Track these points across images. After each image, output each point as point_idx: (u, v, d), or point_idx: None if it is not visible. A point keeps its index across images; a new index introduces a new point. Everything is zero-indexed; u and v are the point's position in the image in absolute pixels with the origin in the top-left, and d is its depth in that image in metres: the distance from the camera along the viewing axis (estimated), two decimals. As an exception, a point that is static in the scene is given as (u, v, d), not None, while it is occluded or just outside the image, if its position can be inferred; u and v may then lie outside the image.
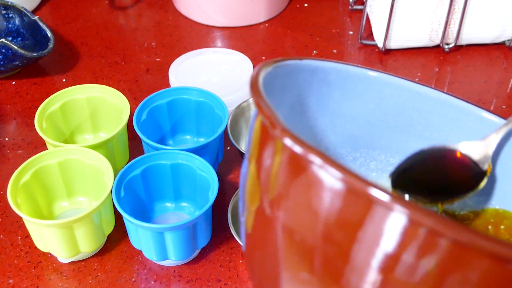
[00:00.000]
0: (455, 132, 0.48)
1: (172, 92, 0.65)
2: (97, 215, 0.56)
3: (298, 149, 0.32)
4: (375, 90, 0.47)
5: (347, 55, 0.82)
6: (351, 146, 0.48)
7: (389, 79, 0.47)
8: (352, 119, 0.48)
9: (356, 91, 0.47)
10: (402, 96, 0.47)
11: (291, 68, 0.42)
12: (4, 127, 0.72)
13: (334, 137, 0.48)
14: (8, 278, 0.58)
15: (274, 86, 0.40)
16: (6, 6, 0.78)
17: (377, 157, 0.49)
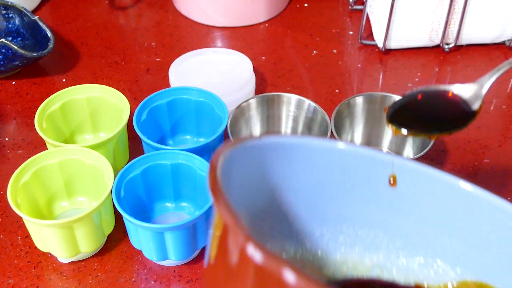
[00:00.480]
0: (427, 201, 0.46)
1: (172, 92, 0.65)
2: (97, 215, 0.56)
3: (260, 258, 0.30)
4: (340, 162, 0.45)
5: (347, 55, 0.82)
6: (317, 220, 0.47)
7: (354, 150, 0.45)
8: (316, 193, 0.46)
9: (319, 164, 0.45)
10: (368, 167, 0.46)
11: (251, 149, 0.41)
12: (4, 127, 0.72)
13: (301, 212, 0.46)
14: (8, 278, 0.58)
15: (234, 169, 0.39)
16: (6, 6, 0.78)
17: (345, 230, 0.48)
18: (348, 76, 0.79)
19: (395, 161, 0.46)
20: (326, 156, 0.45)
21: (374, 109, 0.67)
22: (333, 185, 0.46)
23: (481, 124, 0.72)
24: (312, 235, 0.48)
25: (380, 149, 0.69)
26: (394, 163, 0.46)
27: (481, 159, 0.68)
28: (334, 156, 0.46)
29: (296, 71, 0.79)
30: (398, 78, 0.78)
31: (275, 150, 0.43)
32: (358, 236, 0.48)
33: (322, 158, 0.45)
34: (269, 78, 0.78)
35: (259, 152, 0.42)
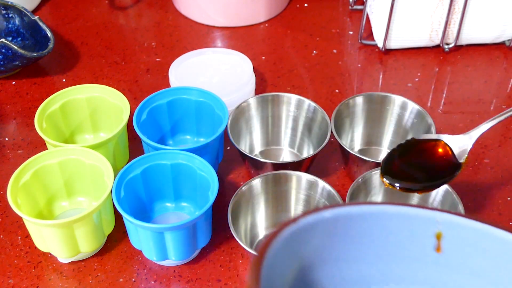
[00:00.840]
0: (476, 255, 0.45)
1: (172, 92, 0.65)
2: (97, 215, 0.56)
3: None
4: (380, 225, 0.45)
5: (347, 55, 0.82)
6: (361, 285, 0.47)
7: (396, 211, 0.44)
8: (358, 260, 0.46)
9: (360, 233, 0.45)
10: (412, 225, 0.45)
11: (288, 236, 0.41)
12: (4, 127, 0.72)
13: (342, 282, 0.46)
14: (8, 278, 0.58)
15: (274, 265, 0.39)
16: (6, 6, 0.78)
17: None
18: (348, 76, 0.79)
19: (439, 217, 0.45)
20: (367, 221, 0.45)
21: (374, 109, 0.67)
22: (377, 248, 0.46)
23: (481, 124, 0.72)
24: None
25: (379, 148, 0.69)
26: (438, 220, 0.45)
27: (481, 159, 0.68)
28: (375, 220, 0.45)
29: (296, 71, 0.79)
30: (398, 78, 0.78)
31: (312, 229, 0.43)
32: None
33: (363, 226, 0.45)
34: (269, 78, 0.78)
35: (295, 236, 0.42)
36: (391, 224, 0.45)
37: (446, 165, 0.56)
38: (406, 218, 0.45)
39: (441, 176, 0.55)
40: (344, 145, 0.62)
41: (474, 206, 0.64)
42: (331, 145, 0.66)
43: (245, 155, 0.62)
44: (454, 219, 0.45)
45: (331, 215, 0.43)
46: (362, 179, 0.59)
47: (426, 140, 0.56)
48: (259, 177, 0.59)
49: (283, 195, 0.60)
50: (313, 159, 0.63)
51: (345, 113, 0.66)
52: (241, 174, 0.67)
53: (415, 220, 0.45)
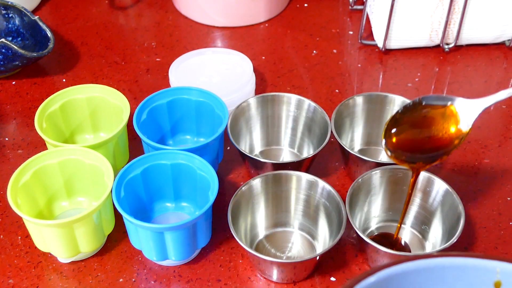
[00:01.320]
0: None
1: (172, 92, 0.65)
2: (97, 215, 0.56)
3: None
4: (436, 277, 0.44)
5: (347, 55, 0.82)
6: None
7: (450, 262, 0.43)
8: None
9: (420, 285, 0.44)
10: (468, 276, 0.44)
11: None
12: (4, 127, 0.72)
13: None
14: (8, 278, 0.58)
15: None
16: (6, 6, 0.78)
17: None
18: (348, 76, 0.79)
19: (499, 266, 0.43)
20: (422, 276, 0.44)
21: (374, 109, 0.67)
22: None
23: (481, 124, 0.72)
24: None
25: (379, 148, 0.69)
26: (498, 270, 0.43)
27: (481, 159, 0.68)
28: (430, 273, 0.44)
29: (296, 71, 0.79)
30: (398, 78, 0.78)
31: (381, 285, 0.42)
32: None
33: (418, 280, 0.44)
34: (269, 78, 0.78)
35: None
36: (448, 276, 0.44)
37: (449, 136, 0.53)
38: (463, 269, 0.44)
39: (442, 147, 0.53)
40: (344, 145, 0.62)
41: (474, 206, 0.64)
42: (331, 145, 0.66)
43: (245, 155, 0.62)
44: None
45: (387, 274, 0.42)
46: (362, 179, 0.59)
47: (434, 106, 0.54)
48: (259, 177, 0.59)
49: (283, 195, 0.60)
50: (313, 159, 0.63)
51: (345, 113, 0.66)
52: (241, 174, 0.67)
53: (473, 271, 0.44)
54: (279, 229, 0.61)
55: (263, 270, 0.57)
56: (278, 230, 0.61)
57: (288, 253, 0.60)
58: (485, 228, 0.62)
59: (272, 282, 0.57)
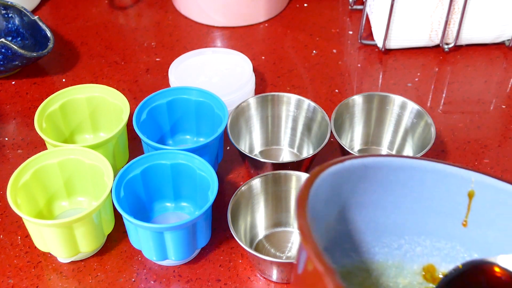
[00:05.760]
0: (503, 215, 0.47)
1: (172, 92, 0.65)
2: (97, 215, 0.56)
3: None
4: (418, 178, 0.47)
5: (347, 55, 0.82)
6: (395, 234, 0.49)
7: (433, 167, 0.47)
8: (395, 208, 0.48)
9: (398, 182, 0.47)
10: (447, 182, 0.47)
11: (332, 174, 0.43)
12: (4, 127, 0.72)
13: (378, 227, 0.48)
14: (8, 278, 0.58)
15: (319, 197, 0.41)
16: (6, 6, 0.78)
17: (422, 242, 0.49)
18: (348, 76, 0.79)
19: (474, 176, 0.47)
20: (405, 173, 0.47)
21: (374, 109, 0.67)
22: (412, 200, 0.48)
23: (481, 124, 0.72)
24: (389, 246, 0.49)
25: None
26: (473, 179, 0.46)
27: (481, 159, 0.68)
28: (413, 173, 0.47)
29: (296, 71, 0.79)
30: (398, 78, 0.78)
31: (354, 172, 0.45)
32: (436, 248, 0.49)
33: (401, 176, 0.47)
34: (269, 78, 0.78)
35: (339, 176, 0.43)
36: (428, 179, 0.47)
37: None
38: (442, 174, 0.47)
39: None
40: (344, 145, 0.62)
41: (474, 206, 0.64)
42: (331, 145, 0.66)
43: (245, 155, 0.62)
44: (488, 180, 0.46)
45: (375, 162, 0.45)
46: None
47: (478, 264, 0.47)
48: (258, 177, 0.59)
49: (282, 195, 0.60)
50: (313, 159, 0.63)
51: (345, 113, 0.66)
52: (241, 174, 0.67)
53: (451, 178, 0.47)
54: (279, 229, 0.61)
55: (262, 270, 0.57)
56: (277, 230, 0.61)
57: (288, 253, 0.60)
58: (485, 228, 0.62)
59: (272, 282, 0.57)
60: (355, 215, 0.47)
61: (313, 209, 0.39)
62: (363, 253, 0.49)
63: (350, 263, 0.48)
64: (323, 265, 0.34)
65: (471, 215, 0.48)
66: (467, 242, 0.49)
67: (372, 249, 0.49)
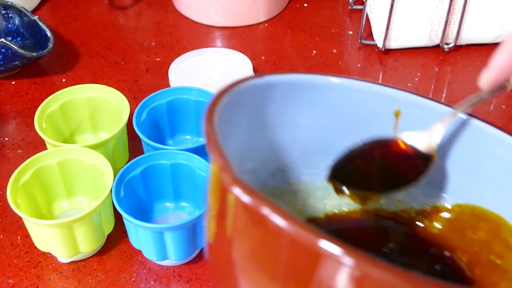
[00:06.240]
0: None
1: (172, 92, 0.65)
2: (97, 215, 0.56)
3: (246, 199, 0.31)
4: (344, 98, 0.46)
5: (347, 55, 0.82)
6: (322, 154, 0.48)
7: (357, 85, 0.46)
8: (321, 129, 0.47)
9: (324, 101, 0.46)
10: (373, 101, 0.47)
11: (249, 88, 0.42)
12: (4, 127, 0.72)
13: (304, 148, 0.48)
14: (8, 278, 0.58)
15: (232, 110, 0.40)
16: (6, 6, 0.78)
17: None
18: (348, 76, 0.79)
19: (399, 95, 0.46)
20: (331, 92, 0.46)
21: (374, 109, 0.67)
22: (339, 119, 0.47)
23: (481, 124, 0.72)
24: (316, 167, 0.48)
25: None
26: (399, 98, 0.46)
27: (481, 159, 0.68)
28: (339, 91, 0.46)
29: (296, 71, 0.79)
30: (398, 78, 0.78)
31: (277, 88, 0.44)
32: None
33: (327, 94, 0.46)
34: (269, 78, 0.78)
35: (260, 91, 0.43)
36: (355, 98, 0.47)
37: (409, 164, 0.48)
38: (369, 94, 0.47)
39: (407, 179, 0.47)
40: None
41: (474, 206, 0.64)
42: (331, 145, 0.66)
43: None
44: (414, 98, 0.47)
45: (297, 79, 0.45)
46: None
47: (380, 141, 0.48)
48: None
49: None
50: (313, 159, 0.63)
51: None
52: (241, 174, 0.67)
53: (377, 97, 0.47)
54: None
55: None
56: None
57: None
58: (485, 228, 0.62)
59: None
60: (281, 134, 0.46)
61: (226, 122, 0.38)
62: (289, 173, 0.48)
63: (276, 183, 0.47)
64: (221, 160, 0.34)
65: (398, 135, 0.48)
66: None
67: (298, 169, 0.48)
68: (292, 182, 0.48)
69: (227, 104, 0.39)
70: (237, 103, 0.41)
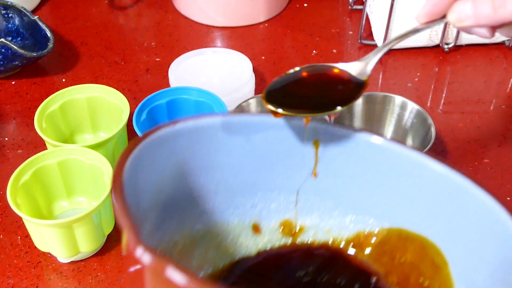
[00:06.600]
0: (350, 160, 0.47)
1: (172, 92, 0.65)
2: (97, 215, 0.56)
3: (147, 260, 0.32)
4: (261, 134, 0.46)
5: (347, 55, 0.82)
6: (247, 193, 0.48)
7: (272, 122, 0.46)
8: (242, 168, 0.47)
9: (241, 141, 0.46)
10: (291, 134, 0.47)
11: (164, 138, 0.42)
12: (4, 127, 0.72)
13: (229, 188, 0.47)
14: (8, 278, 0.58)
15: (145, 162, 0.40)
16: (6, 6, 0.78)
17: (277, 198, 0.49)
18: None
19: (316, 126, 0.46)
20: (247, 130, 0.46)
21: (374, 109, 0.67)
22: (260, 157, 0.47)
23: (481, 124, 0.72)
24: (243, 207, 0.48)
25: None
26: (315, 129, 0.46)
27: (481, 159, 0.68)
28: (255, 129, 0.46)
29: (296, 71, 0.79)
30: (398, 78, 0.78)
31: (192, 134, 0.44)
32: (290, 202, 0.49)
33: (243, 133, 0.46)
34: (269, 78, 0.78)
35: (174, 140, 0.42)
36: (271, 134, 0.46)
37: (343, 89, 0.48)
38: (285, 127, 0.46)
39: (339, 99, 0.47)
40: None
41: (474, 206, 0.64)
42: (331, 145, 0.66)
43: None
44: (330, 128, 0.46)
45: (211, 123, 0.44)
46: None
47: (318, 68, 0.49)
48: None
49: None
50: (313, 159, 0.63)
51: (345, 113, 0.66)
52: (241, 174, 0.67)
53: (293, 130, 0.46)
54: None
55: None
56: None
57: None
58: (485, 228, 0.62)
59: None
60: (203, 177, 0.46)
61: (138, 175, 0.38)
62: (217, 215, 0.48)
63: (204, 226, 0.47)
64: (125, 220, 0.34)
65: (320, 165, 0.48)
66: (320, 192, 0.48)
67: (226, 210, 0.48)
68: (221, 224, 0.48)
69: (138, 157, 0.39)
70: (151, 154, 0.40)
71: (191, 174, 0.45)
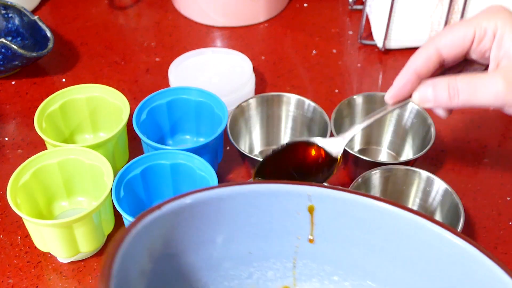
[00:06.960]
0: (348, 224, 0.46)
1: (172, 92, 0.65)
2: (97, 215, 0.56)
3: None
4: (252, 204, 0.45)
5: (347, 55, 0.82)
6: (242, 263, 0.47)
7: (265, 188, 0.45)
8: (234, 239, 0.46)
9: (232, 212, 0.45)
10: (284, 201, 0.46)
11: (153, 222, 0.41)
12: (4, 127, 0.72)
13: (222, 262, 0.47)
14: (8, 278, 0.58)
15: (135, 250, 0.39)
16: (5, 6, 0.78)
17: (273, 266, 0.48)
18: (348, 76, 0.79)
19: (309, 191, 0.45)
20: (237, 201, 0.45)
21: (374, 109, 0.67)
22: (252, 226, 0.46)
23: (481, 124, 0.72)
24: (239, 278, 0.47)
25: (379, 148, 0.69)
26: (308, 194, 0.45)
27: (481, 159, 0.68)
28: (245, 199, 0.45)
29: (296, 71, 0.79)
30: (398, 78, 0.78)
31: (178, 214, 0.42)
32: (287, 268, 0.48)
33: (233, 205, 0.45)
34: (268, 78, 0.78)
35: (161, 224, 0.41)
36: (263, 202, 0.45)
37: (321, 164, 0.56)
38: (276, 194, 0.46)
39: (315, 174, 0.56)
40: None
41: (474, 206, 0.64)
42: (330, 145, 0.66)
43: (244, 155, 0.62)
44: (324, 192, 0.46)
45: (194, 200, 0.43)
46: (362, 179, 0.59)
47: (299, 144, 0.56)
48: None
49: None
50: (312, 159, 0.63)
51: (345, 113, 0.66)
52: (240, 174, 0.67)
53: (286, 196, 0.46)
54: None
55: None
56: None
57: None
58: (485, 228, 0.62)
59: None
60: (190, 257, 0.45)
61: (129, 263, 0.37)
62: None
63: None
64: None
65: (316, 230, 0.47)
66: (318, 258, 0.48)
67: (220, 284, 0.47)
68: None
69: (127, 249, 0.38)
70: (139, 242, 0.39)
71: (181, 255, 0.44)
